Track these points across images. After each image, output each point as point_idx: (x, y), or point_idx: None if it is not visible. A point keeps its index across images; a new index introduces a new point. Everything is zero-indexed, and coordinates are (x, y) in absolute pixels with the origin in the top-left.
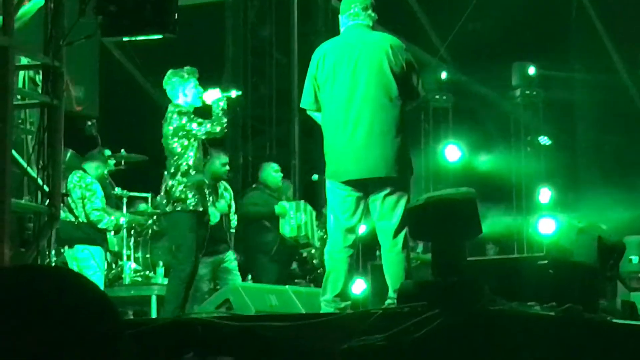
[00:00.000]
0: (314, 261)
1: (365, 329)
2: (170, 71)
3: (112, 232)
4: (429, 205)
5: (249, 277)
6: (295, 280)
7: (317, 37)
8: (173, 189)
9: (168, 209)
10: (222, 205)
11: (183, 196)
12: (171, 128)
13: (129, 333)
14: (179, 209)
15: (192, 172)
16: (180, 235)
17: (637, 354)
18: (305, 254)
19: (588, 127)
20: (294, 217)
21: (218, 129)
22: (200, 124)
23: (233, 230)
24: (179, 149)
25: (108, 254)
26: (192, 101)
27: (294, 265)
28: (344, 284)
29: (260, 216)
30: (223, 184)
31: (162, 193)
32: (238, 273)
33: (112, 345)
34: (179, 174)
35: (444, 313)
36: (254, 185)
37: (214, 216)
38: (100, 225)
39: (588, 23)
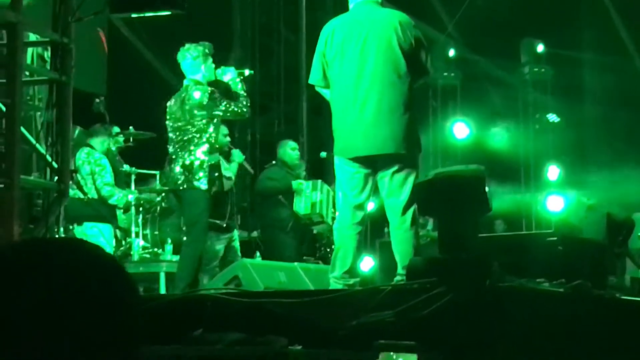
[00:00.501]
0: (323, 240)
1: (374, 306)
2: (189, 45)
3: (122, 210)
4: (437, 181)
5: (257, 254)
6: (304, 258)
7: (325, 13)
8: (195, 166)
9: (186, 185)
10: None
11: (203, 174)
12: (190, 102)
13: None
14: (198, 186)
15: (212, 151)
16: (196, 213)
17: None
18: (315, 231)
19: (596, 104)
20: (309, 195)
21: (245, 110)
22: (228, 104)
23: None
24: (200, 125)
25: (117, 230)
26: (209, 77)
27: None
28: (352, 260)
29: (276, 191)
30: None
31: (179, 168)
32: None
33: (128, 313)
34: (199, 151)
35: (453, 290)
36: (273, 162)
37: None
38: (111, 201)
39: (599, 1)
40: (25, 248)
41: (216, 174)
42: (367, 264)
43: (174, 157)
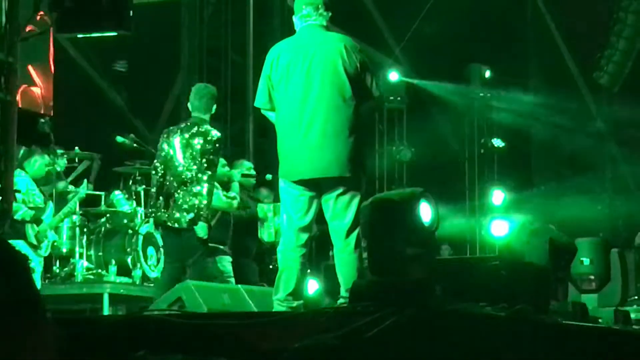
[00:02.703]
0: None
1: (317, 328)
2: (205, 85)
3: (34, 222)
4: (372, 204)
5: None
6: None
7: (272, 36)
8: (202, 210)
9: (187, 225)
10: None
11: (205, 220)
12: (200, 146)
13: (79, 332)
14: (199, 232)
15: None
16: (194, 253)
17: (587, 355)
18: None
19: (541, 130)
20: (272, 221)
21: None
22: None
23: None
24: (203, 168)
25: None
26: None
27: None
28: (296, 283)
29: (242, 221)
30: None
31: (184, 209)
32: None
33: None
34: (205, 194)
35: (395, 312)
36: None
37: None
38: (15, 216)
39: (543, 27)
40: None
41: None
42: (312, 287)
43: (167, 189)
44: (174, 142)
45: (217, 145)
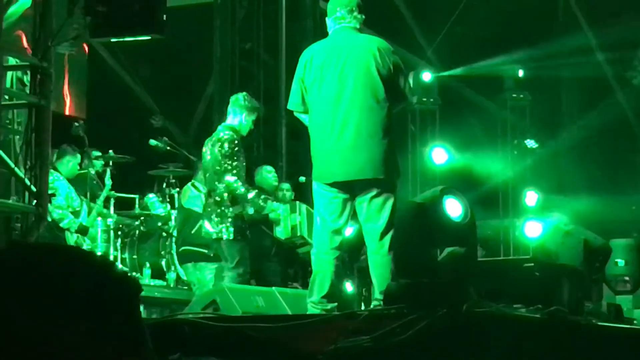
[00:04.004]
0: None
1: (351, 331)
2: (245, 94)
3: (79, 233)
4: (401, 209)
5: (253, 281)
6: (289, 284)
7: (304, 38)
8: (236, 220)
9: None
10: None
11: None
12: (225, 152)
13: None
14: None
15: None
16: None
17: (621, 357)
18: (301, 254)
19: (574, 130)
20: (287, 218)
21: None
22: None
23: None
24: (234, 171)
25: None
26: (242, 130)
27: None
28: (330, 285)
29: (255, 223)
30: None
31: (228, 218)
32: None
33: (126, 308)
34: (236, 202)
35: (430, 314)
36: None
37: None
38: (61, 224)
39: (575, 24)
40: (16, 253)
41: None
42: (346, 288)
43: (212, 196)
44: (204, 154)
45: (227, 145)
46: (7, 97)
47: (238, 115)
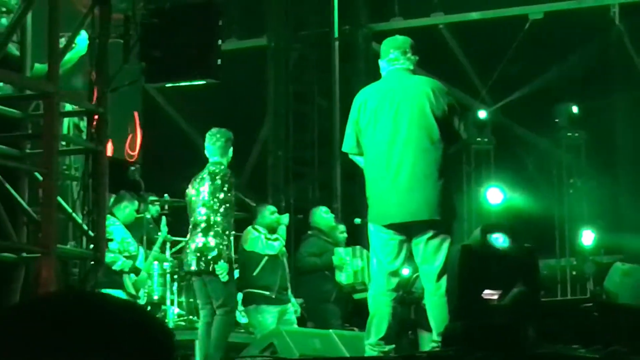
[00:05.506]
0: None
1: None
2: (218, 129)
3: (133, 274)
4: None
5: (310, 324)
6: (345, 326)
7: (358, 80)
8: (223, 252)
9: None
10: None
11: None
12: (220, 190)
13: None
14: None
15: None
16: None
17: None
18: (356, 299)
19: (630, 168)
20: (350, 264)
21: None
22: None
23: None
24: (221, 209)
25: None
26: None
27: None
28: (388, 327)
29: (317, 269)
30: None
31: (215, 253)
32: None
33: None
34: (224, 236)
35: (488, 356)
36: (309, 232)
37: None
38: (114, 267)
39: (627, 58)
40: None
41: None
42: None
43: (198, 233)
44: (189, 192)
45: (223, 180)
46: (63, 143)
47: (225, 153)
